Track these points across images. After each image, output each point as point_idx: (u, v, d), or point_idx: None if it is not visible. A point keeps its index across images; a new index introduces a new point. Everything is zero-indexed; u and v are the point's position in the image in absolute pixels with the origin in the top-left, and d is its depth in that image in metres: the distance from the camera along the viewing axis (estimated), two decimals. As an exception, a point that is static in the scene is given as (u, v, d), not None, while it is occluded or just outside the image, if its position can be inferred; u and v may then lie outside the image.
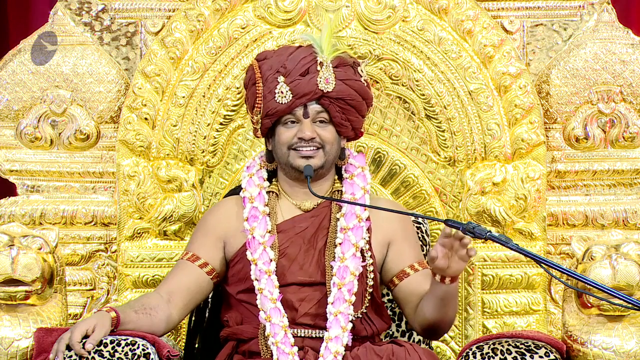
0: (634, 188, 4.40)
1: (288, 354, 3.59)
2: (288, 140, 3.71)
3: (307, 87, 3.68)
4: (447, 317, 3.62)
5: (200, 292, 3.76)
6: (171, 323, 3.70)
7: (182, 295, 3.71)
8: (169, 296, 3.70)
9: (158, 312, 3.65)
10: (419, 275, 3.73)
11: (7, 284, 3.79)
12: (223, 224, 3.79)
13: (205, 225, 3.82)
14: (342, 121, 3.74)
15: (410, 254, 3.78)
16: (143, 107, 4.24)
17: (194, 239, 3.83)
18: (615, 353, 3.73)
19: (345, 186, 3.79)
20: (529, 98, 4.23)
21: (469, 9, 4.23)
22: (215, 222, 3.81)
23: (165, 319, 3.67)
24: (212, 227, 3.80)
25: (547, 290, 4.33)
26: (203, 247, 3.77)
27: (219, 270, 3.77)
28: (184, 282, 3.73)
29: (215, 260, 3.77)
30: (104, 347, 3.47)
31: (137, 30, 4.42)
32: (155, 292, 3.74)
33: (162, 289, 3.72)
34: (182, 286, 3.72)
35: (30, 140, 4.36)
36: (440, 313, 3.58)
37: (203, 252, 3.76)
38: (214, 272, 3.76)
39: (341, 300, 3.64)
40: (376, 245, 3.76)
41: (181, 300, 3.71)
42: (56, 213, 4.37)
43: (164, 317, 3.66)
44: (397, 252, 3.77)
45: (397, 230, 3.79)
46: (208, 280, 3.76)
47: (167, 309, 3.67)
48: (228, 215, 3.80)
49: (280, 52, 3.77)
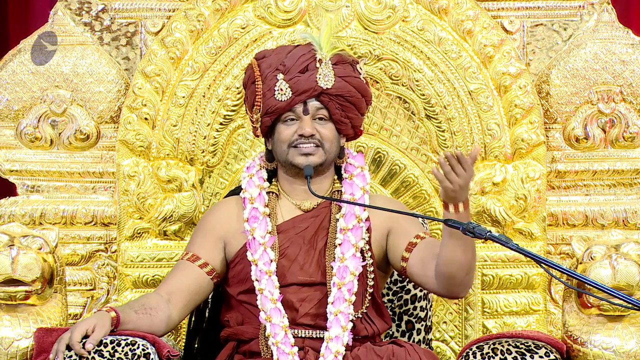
0: (634, 188, 4.40)
1: (288, 354, 3.59)
2: (288, 138, 3.71)
3: (307, 84, 3.68)
4: (467, 260, 3.47)
5: (201, 293, 3.76)
6: (171, 323, 3.70)
7: (182, 296, 3.71)
8: (169, 296, 3.70)
9: (158, 312, 3.65)
10: (426, 242, 3.66)
11: (7, 284, 3.79)
12: (223, 225, 3.79)
13: (206, 225, 3.82)
14: (341, 118, 3.74)
15: (413, 229, 3.72)
16: (143, 107, 4.24)
17: (194, 239, 3.83)
18: (615, 353, 3.73)
19: (345, 186, 3.79)
20: (529, 98, 4.23)
21: (469, 9, 4.23)
22: (216, 222, 3.81)
23: (166, 319, 3.67)
24: (212, 228, 3.80)
25: (547, 290, 4.33)
26: (203, 247, 3.77)
27: (219, 270, 3.77)
28: (184, 283, 3.73)
29: (215, 260, 3.77)
30: (104, 347, 3.47)
31: (137, 30, 4.42)
32: (155, 292, 3.74)
33: (162, 289, 3.72)
34: (182, 286, 3.72)
35: (30, 140, 4.36)
36: (458, 256, 3.45)
37: (203, 253, 3.76)
38: (214, 272, 3.76)
39: (341, 299, 3.64)
40: (376, 240, 3.75)
41: (181, 301, 3.71)
42: (56, 213, 4.37)
43: (164, 318, 3.66)
44: (399, 232, 3.72)
45: (394, 216, 3.72)
46: (208, 280, 3.76)
47: (167, 309, 3.67)
48: (228, 215, 3.80)
49: (279, 51, 3.78)
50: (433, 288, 3.62)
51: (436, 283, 3.57)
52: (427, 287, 3.67)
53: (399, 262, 3.70)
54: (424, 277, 3.62)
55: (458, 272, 3.50)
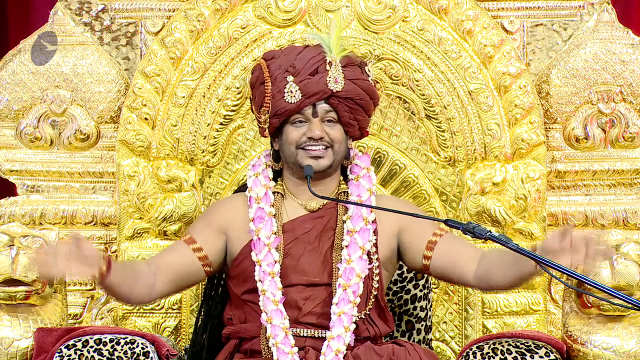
0: (634, 188, 4.40)
1: (288, 354, 3.59)
2: (297, 140, 3.70)
3: (317, 86, 3.68)
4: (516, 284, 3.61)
5: (187, 275, 3.73)
6: (153, 293, 3.67)
7: (167, 273, 3.69)
8: (156, 268, 3.68)
9: (144, 278, 3.63)
10: (445, 240, 3.71)
11: (7, 284, 3.79)
12: (228, 218, 3.78)
13: (211, 214, 3.82)
14: (350, 120, 3.73)
15: (427, 226, 3.75)
16: (143, 107, 4.24)
17: (195, 223, 3.85)
18: (615, 353, 3.73)
19: (351, 187, 3.78)
20: (529, 98, 4.23)
21: (469, 9, 4.23)
22: (221, 213, 3.80)
23: (149, 285, 3.64)
24: (215, 217, 3.79)
25: (547, 290, 4.33)
26: (202, 233, 3.76)
27: (212, 259, 3.75)
28: (172, 261, 3.71)
29: (211, 248, 3.75)
30: (103, 345, 3.47)
31: (137, 30, 4.42)
32: (145, 262, 3.74)
33: (152, 262, 3.72)
34: (170, 264, 3.70)
35: (30, 140, 4.36)
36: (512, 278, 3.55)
37: (200, 238, 3.75)
38: (206, 259, 3.74)
39: (345, 301, 3.64)
40: (384, 241, 3.75)
41: (166, 277, 3.68)
42: (56, 213, 4.37)
43: (148, 283, 3.64)
44: (413, 231, 3.75)
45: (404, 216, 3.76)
46: (198, 265, 3.73)
47: (151, 279, 3.65)
48: (235, 211, 3.79)
49: (287, 52, 3.76)
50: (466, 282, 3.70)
51: (475, 282, 3.65)
52: (455, 281, 3.75)
53: (420, 261, 3.74)
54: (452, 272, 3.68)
55: (504, 285, 3.61)
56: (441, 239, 3.71)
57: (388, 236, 3.76)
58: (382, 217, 3.75)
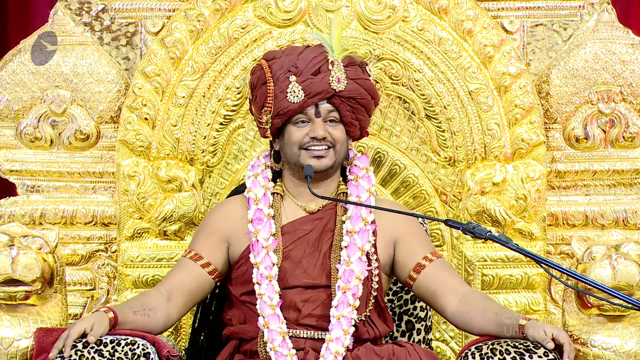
0: (634, 188, 4.40)
1: (286, 356, 3.59)
2: (299, 140, 3.70)
3: (320, 86, 3.67)
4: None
5: (201, 292, 3.75)
6: (169, 322, 3.70)
7: (182, 294, 3.71)
8: (169, 294, 3.69)
9: (157, 312, 3.64)
10: (434, 266, 3.72)
11: (7, 284, 3.79)
12: (227, 225, 3.78)
13: (210, 225, 3.81)
14: (351, 120, 3.73)
15: (421, 247, 3.76)
16: (143, 107, 4.24)
17: (197, 237, 3.82)
18: (615, 353, 3.73)
19: (351, 188, 3.78)
20: (529, 98, 4.23)
21: (469, 9, 4.23)
22: (220, 222, 3.79)
23: (164, 319, 3.66)
24: (216, 228, 3.78)
25: (547, 290, 4.33)
26: (206, 247, 3.76)
27: (220, 270, 3.77)
28: (185, 281, 3.72)
29: (217, 260, 3.76)
30: (103, 346, 3.47)
31: (137, 30, 4.42)
32: (156, 289, 3.73)
33: (163, 286, 3.72)
34: (183, 285, 3.71)
35: (30, 140, 4.36)
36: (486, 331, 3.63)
37: (206, 252, 3.75)
38: (215, 272, 3.75)
39: (345, 304, 3.63)
40: (382, 245, 3.75)
41: (181, 299, 3.70)
42: (56, 213, 4.37)
43: (162, 317, 3.65)
44: (406, 248, 3.76)
45: (402, 227, 3.77)
46: (209, 280, 3.75)
47: (166, 309, 3.66)
48: (233, 216, 3.78)
49: (289, 52, 3.75)
50: (443, 314, 3.72)
51: (451, 317, 3.69)
52: (434, 308, 3.77)
53: (406, 279, 3.77)
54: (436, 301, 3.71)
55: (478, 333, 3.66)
56: (430, 265, 3.71)
57: (386, 241, 3.76)
58: (381, 222, 3.75)
